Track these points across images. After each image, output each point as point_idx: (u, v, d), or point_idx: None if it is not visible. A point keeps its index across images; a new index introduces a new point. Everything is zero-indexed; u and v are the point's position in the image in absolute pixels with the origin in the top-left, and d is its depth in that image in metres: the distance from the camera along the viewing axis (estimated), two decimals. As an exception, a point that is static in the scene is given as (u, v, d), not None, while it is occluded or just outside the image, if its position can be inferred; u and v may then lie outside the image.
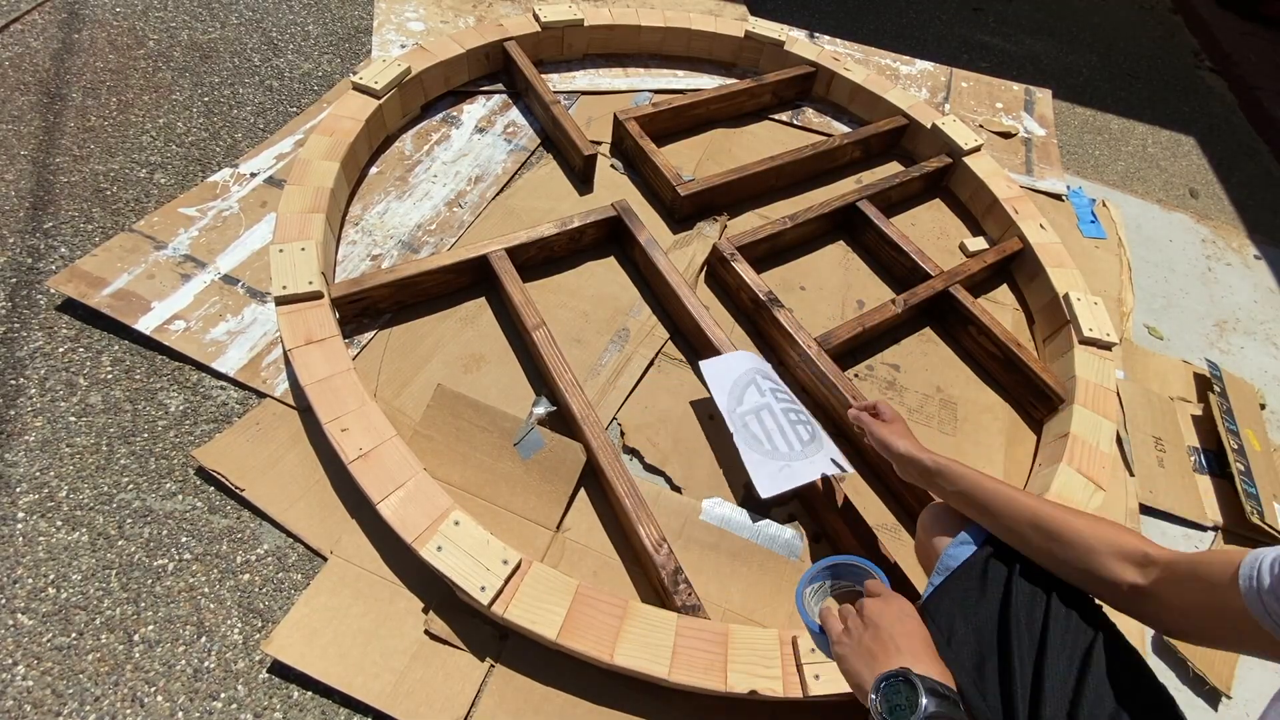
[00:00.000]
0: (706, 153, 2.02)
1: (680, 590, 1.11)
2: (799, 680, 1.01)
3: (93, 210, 1.54)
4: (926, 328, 1.73)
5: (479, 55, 1.96)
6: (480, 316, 1.52)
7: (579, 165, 1.81)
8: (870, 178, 2.08)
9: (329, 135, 1.60)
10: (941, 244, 1.95)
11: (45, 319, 1.36)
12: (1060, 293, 1.68)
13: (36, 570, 1.09)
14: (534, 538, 1.21)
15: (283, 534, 1.17)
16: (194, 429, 1.27)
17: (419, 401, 1.34)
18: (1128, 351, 1.80)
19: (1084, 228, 2.10)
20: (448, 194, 1.74)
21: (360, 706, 1.02)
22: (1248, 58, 3.22)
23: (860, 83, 2.17)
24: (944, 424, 1.54)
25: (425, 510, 1.09)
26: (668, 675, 1.00)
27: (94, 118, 1.72)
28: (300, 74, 1.97)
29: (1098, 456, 1.39)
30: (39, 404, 1.25)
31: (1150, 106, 2.87)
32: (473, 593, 1.00)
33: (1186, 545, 1.46)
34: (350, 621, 1.08)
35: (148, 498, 1.18)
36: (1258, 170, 2.69)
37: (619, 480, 1.21)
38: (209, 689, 1.02)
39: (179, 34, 1.99)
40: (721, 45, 2.27)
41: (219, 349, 1.35)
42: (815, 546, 1.31)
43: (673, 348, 1.55)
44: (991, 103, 2.50)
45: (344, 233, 1.61)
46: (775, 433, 1.30)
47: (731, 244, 1.64)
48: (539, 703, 1.05)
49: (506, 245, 1.51)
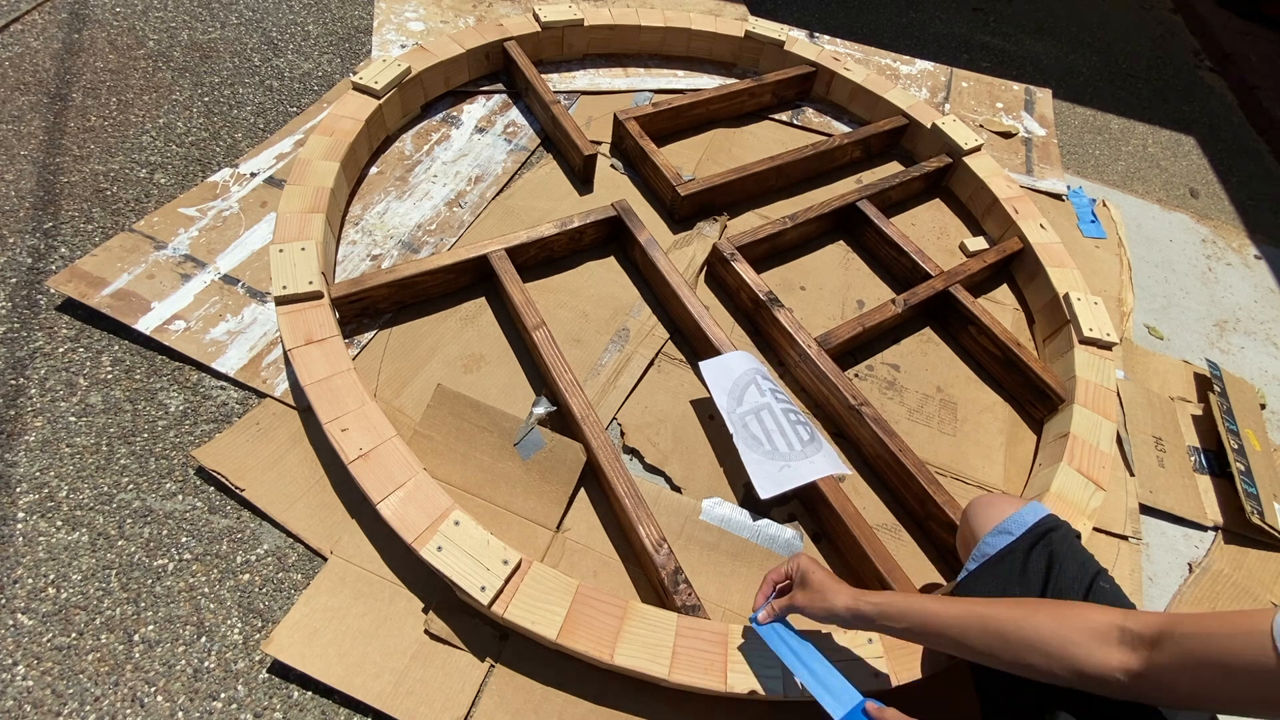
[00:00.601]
0: (706, 153, 2.02)
1: (680, 590, 1.11)
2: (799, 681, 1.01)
3: (93, 210, 1.54)
4: (926, 328, 1.73)
5: (479, 55, 1.96)
6: (480, 316, 1.52)
7: (579, 165, 1.81)
8: (870, 178, 2.07)
9: (329, 135, 1.60)
10: (941, 244, 1.94)
11: (45, 319, 1.36)
12: (1060, 292, 1.68)
13: (36, 570, 1.09)
14: (534, 538, 1.21)
15: (283, 534, 1.17)
16: (194, 429, 1.27)
17: (419, 401, 1.34)
18: (1128, 351, 1.80)
19: (1084, 227, 2.10)
20: (448, 194, 1.74)
21: (360, 706, 1.02)
22: (1248, 57, 3.22)
23: (860, 83, 2.17)
24: (944, 424, 1.54)
25: (425, 510, 1.09)
26: (668, 675, 1.00)
27: (94, 118, 1.72)
28: (300, 74, 1.97)
29: (1098, 456, 1.39)
30: (39, 404, 1.25)
31: (1150, 106, 2.87)
32: (473, 593, 1.00)
33: (1186, 545, 1.46)
34: (350, 621, 1.08)
35: (148, 498, 1.18)
36: (1258, 170, 2.68)
37: (619, 480, 1.21)
38: (209, 689, 1.02)
39: (179, 34, 1.99)
40: (721, 45, 2.27)
41: (219, 349, 1.35)
42: (815, 546, 1.31)
43: (673, 348, 1.55)
44: (992, 103, 2.50)
45: (344, 233, 1.61)
46: (775, 433, 1.30)
47: (731, 244, 1.64)
48: (539, 703, 1.05)
49: (506, 245, 1.51)
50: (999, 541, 0.92)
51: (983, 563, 0.91)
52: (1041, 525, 0.91)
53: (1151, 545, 1.45)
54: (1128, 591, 1.35)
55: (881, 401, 1.55)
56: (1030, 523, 0.91)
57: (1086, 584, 0.83)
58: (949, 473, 1.45)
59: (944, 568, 1.32)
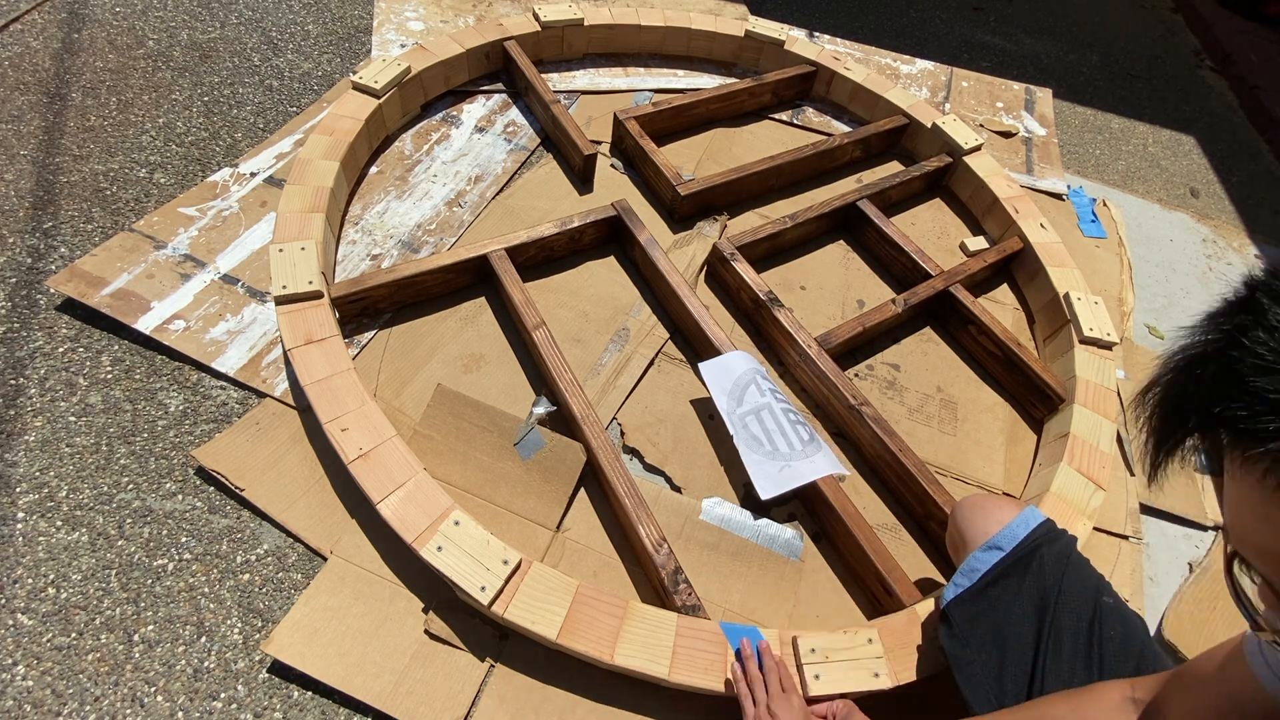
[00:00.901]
0: (706, 152, 2.02)
1: (680, 590, 1.11)
2: (799, 680, 1.01)
3: (92, 210, 1.54)
4: (926, 327, 1.73)
5: (479, 55, 1.96)
6: (480, 316, 1.52)
7: (579, 165, 1.80)
8: (870, 177, 2.07)
9: (329, 135, 1.60)
10: (941, 243, 1.94)
11: (45, 319, 1.36)
12: (1061, 292, 1.68)
13: (36, 570, 1.09)
14: (534, 538, 1.21)
15: (283, 534, 1.17)
16: (194, 429, 1.27)
17: (419, 401, 1.34)
18: (1128, 351, 1.79)
19: (1084, 227, 2.10)
20: (448, 193, 1.74)
21: (360, 706, 1.02)
22: (1248, 57, 3.22)
23: (860, 82, 2.17)
24: (944, 424, 1.54)
25: (425, 510, 1.09)
26: (668, 675, 1.00)
27: (94, 117, 1.72)
28: (300, 73, 1.97)
29: (1098, 456, 1.39)
30: (39, 404, 1.25)
31: (1151, 106, 2.87)
32: (473, 593, 1.00)
33: (1187, 545, 1.46)
34: (350, 621, 1.08)
35: (148, 498, 1.18)
36: (1258, 169, 2.68)
37: (619, 480, 1.21)
38: (209, 689, 1.02)
39: (179, 34, 1.99)
40: (721, 45, 2.27)
41: (219, 349, 1.35)
42: (815, 546, 1.31)
43: (673, 348, 1.55)
44: (992, 102, 2.50)
45: (344, 232, 1.61)
46: (776, 433, 1.30)
47: (731, 244, 1.64)
48: (539, 703, 1.05)
49: (506, 245, 1.51)
50: (989, 558, 0.91)
51: (976, 583, 0.90)
52: (1033, 539, 0.90)
53: (1152, 545, 1.45)
54: (1129, 592, 1.36)
55: (881, 401, 1.54)
56: (1021, 536, 0.91)
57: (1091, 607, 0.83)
58: (949, 473, 1.45)
59: (944, 568, 1.32)
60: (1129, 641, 0.83)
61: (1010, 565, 0.89)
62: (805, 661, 1.02)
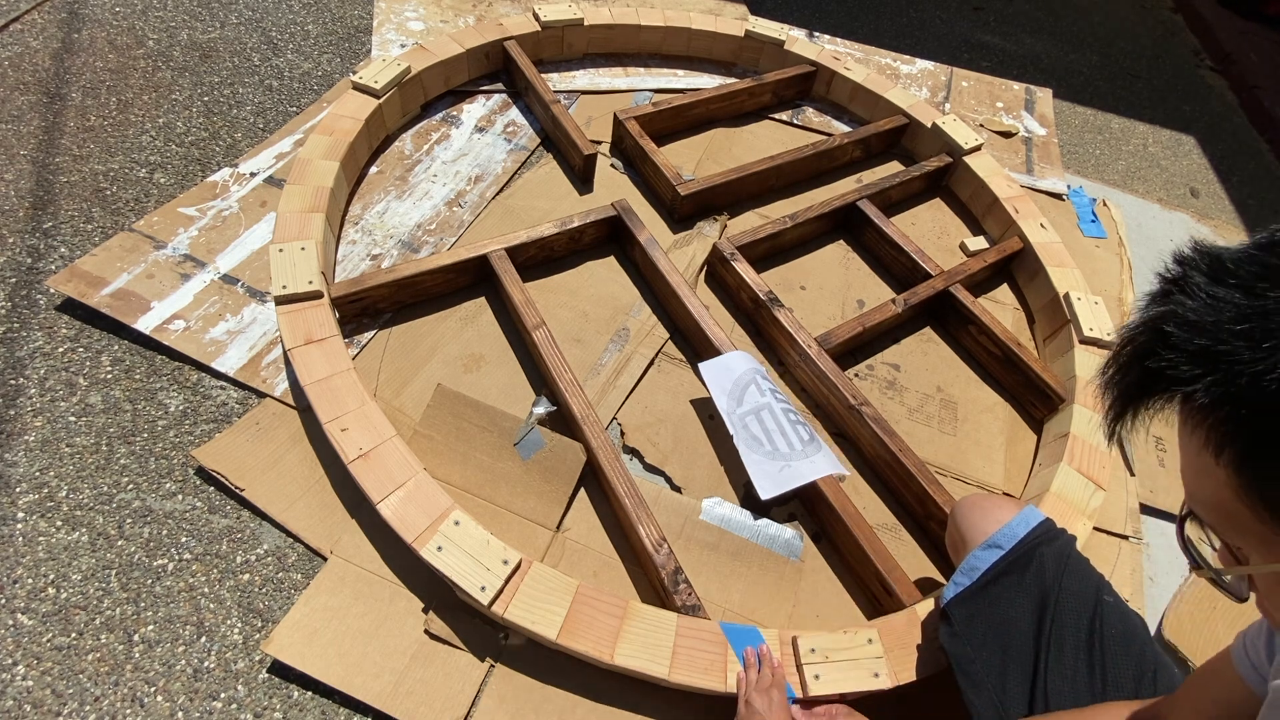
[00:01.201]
0: (706, 152, 2.02)
1: (680, 590, 1.11)
2: (799, 680, 1.01)
3: (92, 210, 1.54)
4: (926, 327, 1.73)
5: (479, 55, 1.96)
6: (480, 316, 1.52)
7: (579, 165, 1.80)
8: (870, 177, 2.07)
9: (329, 135, 1.60)
10: (941, 243, 1.94)
11: (45, 319, 1.36)
12: (1060, 292, 1.68)
13: (36, 570, 1.09)
14: (534, 538, 1.21)
15: (283, 534, 1.17)
16: (194, 429, 1.27)
17: (419, 401, 1.34)
18: (1128, 351, 1.79)
19: (1084, 227, 2.10)
20: (447, 193, 1.74)
21: (360, 706, 1.02)
22: (1248, 57, 3.22)
23: (860, 82, 2.17)
24: (944, 424, 1.54)
25: (425, 510, 1.09)
26: (668, 675, 1.00)
27: (94, 117, 1.72)
28: (300, 74, 1.97)
29: (1098, 456, 1.39)
30: (39, 404, 1.25)
31: (1151, 106, 2.87)
32: (473, 593, 1.00)
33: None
34: (350, 621, 1.08)
35: (148, 498, 1.18)
36: (1258, 169, 2.68)
37: (619, 480, 1.21)
38: (209, 689, 1.02)
39: (179, 34, 1.99)
40: (721, 45, 2.27)
41: (219, 349, 1.35)
42: (815, 546, 1.31)
43: (673, 348, 1.55)
44: (992, 102, 2.50)
45: (344, 232, 1.61)
46: (776, 433, 1.30)
47: (731, 243, 1.64)
48: (539, 703, 1.05)
49: (506, 245, 1.51)
50: (989, 556, 0.91)
51: (977, 581, 0.91)
52: (1032, 538, 0.90)
53: (1152, 545, 1.44)
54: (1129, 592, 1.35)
55: (881, 401, 1.54)
56: (1020, 535, 0.91)
57: (1091, 605, 0.83)
58: (949, 473, 1.45)
59: (944, 568, 1.31)
60: (1129, 639, 0.83)
61: (1010, 563, 0.89)
62: (805, 661, 1.02)
